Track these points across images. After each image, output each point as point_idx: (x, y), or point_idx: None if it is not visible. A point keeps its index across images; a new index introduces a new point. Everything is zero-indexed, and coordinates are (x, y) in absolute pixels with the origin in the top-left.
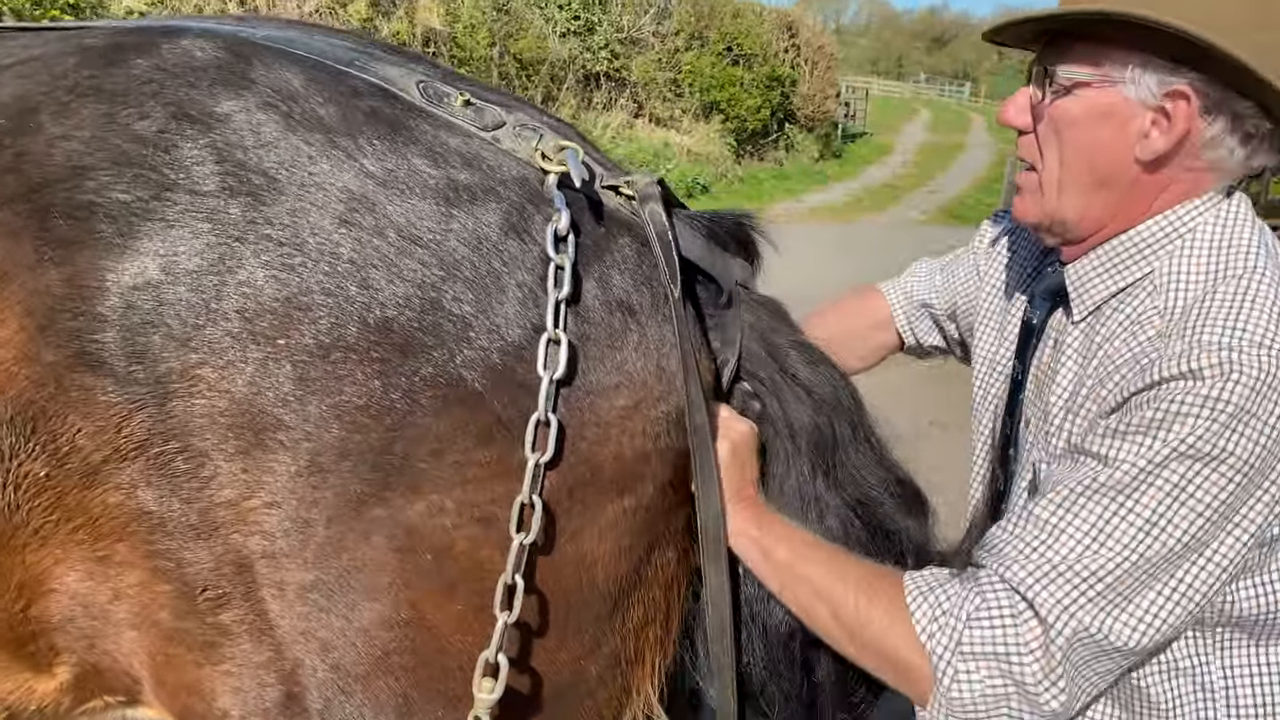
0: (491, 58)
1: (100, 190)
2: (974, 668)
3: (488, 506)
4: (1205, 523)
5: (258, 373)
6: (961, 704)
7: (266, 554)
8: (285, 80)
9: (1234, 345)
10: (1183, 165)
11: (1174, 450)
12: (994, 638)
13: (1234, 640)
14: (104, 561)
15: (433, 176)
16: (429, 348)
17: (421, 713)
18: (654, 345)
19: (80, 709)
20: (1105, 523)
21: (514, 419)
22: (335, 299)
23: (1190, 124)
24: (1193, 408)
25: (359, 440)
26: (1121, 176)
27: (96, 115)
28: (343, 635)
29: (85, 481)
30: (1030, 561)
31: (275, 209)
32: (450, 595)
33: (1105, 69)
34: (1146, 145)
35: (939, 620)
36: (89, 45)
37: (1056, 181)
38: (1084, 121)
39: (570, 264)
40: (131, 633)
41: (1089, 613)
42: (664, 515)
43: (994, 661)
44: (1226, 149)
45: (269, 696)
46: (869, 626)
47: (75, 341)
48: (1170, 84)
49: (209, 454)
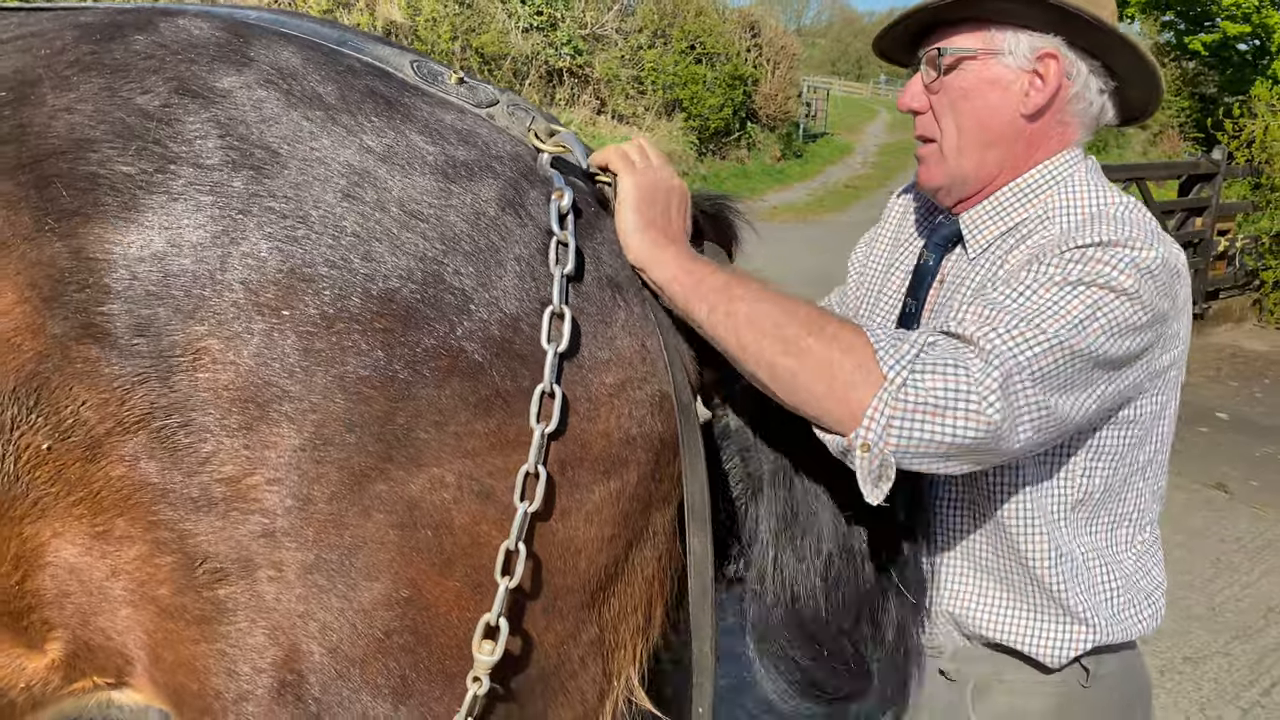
0: (453, 52)
1: (104, 163)
2: (928, 374)
3: (486, 480)
4: (1115, 337)
5: (263, 344)
6: (916, 398)
7: (267, 532)
8: (284, 59)
9: (1136, 232)
10: (1056, 119)
11: (1094, 279)
12: (948, 355)
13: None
14: (103, 536)
15: (431, 153)
16: (430, 319)
17: (419, 693)
18: (639, 324)
19: (69, 688)
20: (1038, 313)
21: (511, 391)
22: (339, 270)
23: (1060, 80)
24: (1108, 259)
25: (363, 411)
26: (1009, 132)
27: (98, 89)
28: (341, 616)
29: (88, 454)
30: (971, 324)
31: (278, 182)
32: (448, 572)
33: (986, 43)
34: (1028, 101)
35: (894, 341)
36: (86, 22)
37: (956, 145)
38: (974, 90)
39: (574, 241)
40: (127, 610)
41: (1026, 365)
42: (646, 510)
43: (949, 369)
44: (1086, 102)
45: (262, 681)
46: (820, 332)
47: (82, 314)
48: (1040, 48)
49: (212, 429)
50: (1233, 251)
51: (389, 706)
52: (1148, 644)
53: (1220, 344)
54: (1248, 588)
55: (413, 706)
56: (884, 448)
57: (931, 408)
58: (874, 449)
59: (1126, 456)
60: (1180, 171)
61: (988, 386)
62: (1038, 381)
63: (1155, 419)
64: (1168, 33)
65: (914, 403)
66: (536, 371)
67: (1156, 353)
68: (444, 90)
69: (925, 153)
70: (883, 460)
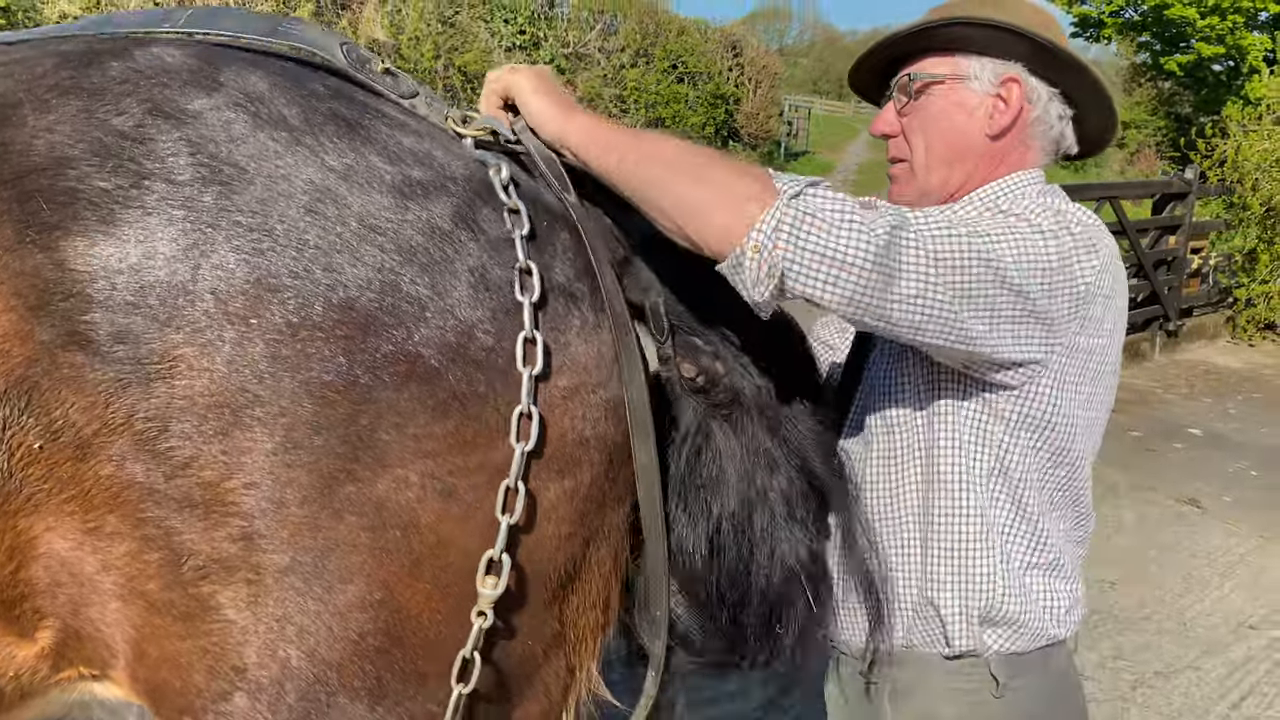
0: (436, 70)
1: (82, 178)
2: (820, 197)
3: (447, 478)
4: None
5: (234, 351)
6: (806, 208)
7: (244, 535)
8: (252, 83)
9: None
10: (1018, 139)
11: (1015, 212)
12: (844, 195)
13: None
14: (94, 532)
15: (389, 172)
16: (388, 326)
17: (393, 694)
18: (593, 331)
19: (56, 678)
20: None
21: (467, 394)
22: (302, 280)
23: (1021, 103)
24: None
25: (329, 415)
26: (974, 150)
27: (76, 110)
28: (318, 619)
29: (78, 454)
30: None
31: (245, 198)
32: (418, 573)
33: (953, 69)
34: (993, 122)
35: (792, 176)
36: (65, 50)
37: (924, 163)
38: (942, 112)
39: (526, 215)
40: (116, 603)
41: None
42: (601, 509)
43: (841, 199)
44: (1047, 125)
45: (242, 680)
46: (721, 162)
47: (66, 321)
48: (1003, 73)
49: (190, 434)
50: (1206, 269)
51: (365, 707)
52: (1121, 658)
53: (1194, 360)
54: (1219, 602)
55: (388, 706)
56: (774, 250)
57: (820, 220)
58: (764, 251)
59: (1048, 441)
60: (1154, 190)
61: (877, 223)
62: (931, 258)
63: (1081, 410)
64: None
65: (804, 211)
66: (491, 375)
67: (1072, 323)
68: (372, 78)
69: (897, 171)
70: (770, 265)
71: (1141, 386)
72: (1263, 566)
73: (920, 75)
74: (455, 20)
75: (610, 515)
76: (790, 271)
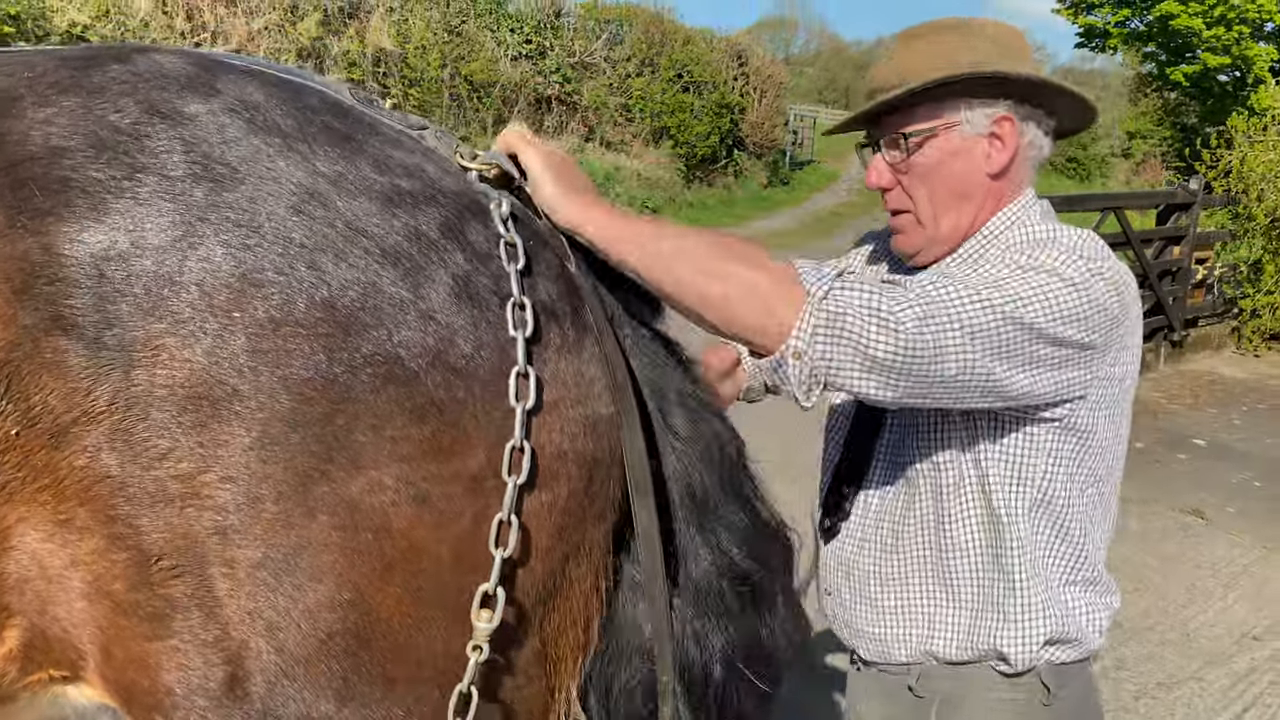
0: (443, 79)
1: (76, 168)
2: (848, 291)
3: (421, 484)
4: (1057, 320)
5: (215, 343)
6: (836, 308)
7: (219, 529)
8: (248, 92)
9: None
10: (1016, 170)
11: (1041, 266)
12: (871, 285)
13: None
14: (65, 525)
15: (379, 182)
16: (369, 327)
17: (359, 696)
18: (573, 348)
19: (24, 680)
20: (982, 284)
21: (445, 400)
22: (286, 277)
23: (1016, 138)
24: (1057, 254)
25: (306, 412)
26: (978, 190)
27: (75, 106)
28: (287, 616)
29: (53, 442)
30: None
31: (235, 195)
32: (388, 577)
33: (944, 119)
34: (991, 162)
35: (816, 266)
36: (67, 54)
37: (931, 213)
38: (940, 164)
39: (520, 240)
40: (83, 603)
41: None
42: (580, 524)
43: (868, 290)
44: (1036, 148)
45: (213, 676)
46: (746, 259)
47: (51, 306)
48: (994, 114)
49: (169, 425)
50: (1211, 280)
51: (332, 706)
52: (1124, 668)
53: (1198, 371)
54: (1222, 613)
55: (354, 708)
56: (813, 356)
57: (849, 319)
58: (804, 357)
59: (1084, 465)
60: (1158, 201)
61: (904, 311)
62: (968, 334)
63: (1112, 432)
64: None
65: (834, 312)
66: (470, 383)
67: (1107, 356)
68: (380, 113)
69: (900, 223)
70: (813, 368)
71: (1146, 397)
72: (1266, 577)
73: (914, 133)
74: (462, 29)
75: (590, 531)
76: (831, 372)
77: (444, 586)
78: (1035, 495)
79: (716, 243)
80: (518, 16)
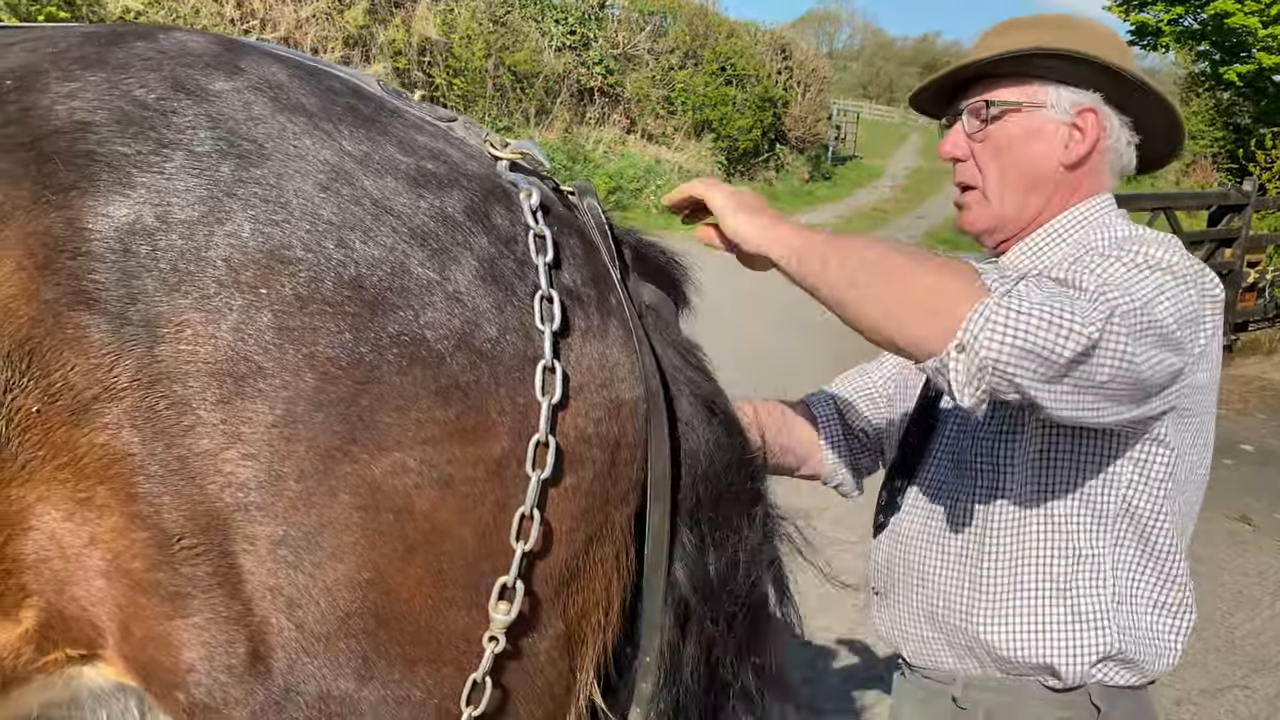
0: (487, 69)
1: (102, 142)
2: (1035, 289)
3: (445, 467)
4: (1178, 320)
5: (241, 319)
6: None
7: (241, 506)
8: (272, 72)
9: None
10: (1092, 167)
11: (1155, 264)
12: (1053, 284)
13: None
14: (84, 504)
15: (404, 162)
16: (396, 307)
17: (379, 675)
18: (598, 334)
19: (41, 661)
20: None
21: (470, 383)
22: (314, 254)
23: (1098, 133)
24: (1161, 252)
25: (331, 391)
26: (1050, 179)
27: (100, 81)
28: (308, 593)
29: (74, 419)
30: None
31: (262, 171)
32: (409, 559)
33: (1031, 96)
34: (1069, 152)
35: (998, 269)
36: (90, 31)
37: (999, 192)
38: (1019, 140)
39: (549, 231)
40: (101, 581)
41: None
42: (604, 507)
43: (1055, 291)
44: (1117, 154)
45: (235, 653)
46: (926, 262)
47: (74, 280)
48: (1080, 103)
49: (191, 401)
50: (1263, 284)
51: (352, 685)
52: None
53: (1248, 376)
54: (1269, 621)
55: (374, 689)
56: (979, 349)
57: (1035, 317)
58: (969, 349)
59: (1171, 474)
60: (1210, 201)
61: (1096, 311)
62: (1129, 330)
63: (1194, 439)
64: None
65: (1017, 309)
66: (494, 367)
67: (1199, 362)
68: (408, 104)
69: (968, 199)
70: (979, 364)
71: None
72: None
73: (998, 103)
74: (506, 20)
75: (613, 515)
76: (1001, 366)
77: (466, 570)
78: (1117, 505)
79: (898, 249)
80: (562, 7)
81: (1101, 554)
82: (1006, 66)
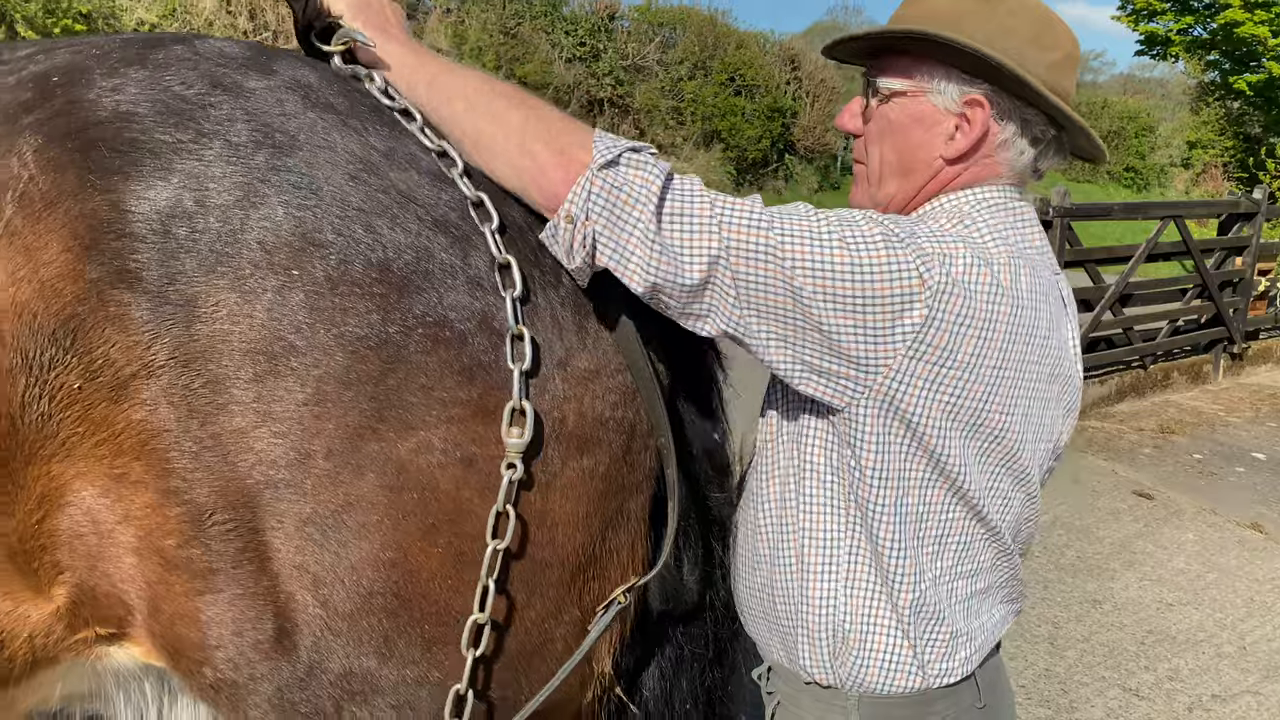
0: None
1: (145, 131)
2: (634, 168)
3: (469, 446)
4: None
5: (275, 300)
6: (614, 181)
7: (271, 483)
8: (303, 74)
9: (958, 234)
10: (978, 160)
11: (847, 218)
12: (662, 167)
13: (870, 523)
14: (120, 480)
15: (425, 159)
16: (421, 289)
17: (400, 655)
18: (611, 321)
19: (72, 639)
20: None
21: (490, 363)
22: (344, 238)
23: (986, 126)
24: (886, 217)
25: (359, 370)
26: (927, 169)
27: (143, 77)
28: (333, 571)
29: (113, 395)
30: None
31: (295, 160)
32: (432, 538)
33: (916, 81)
34: (952, 145)
35: (614, 137)
36: (129, 37)
37: (878, 174)
38: (901, 125)
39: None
40: (132, 558)
41: (733, 223)
42: (619, 492)
43: (655, 171)
44: (1017, 150)
45: (263, 629)
46: (546, 108)
47: (117, 260)
48: (968, 93)
49: (226, 380)
50: (1273, 292)
51: (373, 663)
52: (1177, 679)
53: (1258, 384)
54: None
55: (394, 666)
56: (585, 224)
57: (624, 195)
58: (577, 223)
59: (914, 474)
60: (1220, 210)
61: (719, 206)
62: (736, 249)
63: (975, 469)
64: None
65: (611, 184)
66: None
67: (898, 349)
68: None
69: (858, 173)
70: (585, 236)
71: (1203, 409)
72: None
73: (884, 86)
74: (517, 31)
75: (629, 501)
76: (600, 243)
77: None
78: (845, 489)
79: (503, 90)
80: (572, 19)
81: (832, 537)
82: (901, 44)
